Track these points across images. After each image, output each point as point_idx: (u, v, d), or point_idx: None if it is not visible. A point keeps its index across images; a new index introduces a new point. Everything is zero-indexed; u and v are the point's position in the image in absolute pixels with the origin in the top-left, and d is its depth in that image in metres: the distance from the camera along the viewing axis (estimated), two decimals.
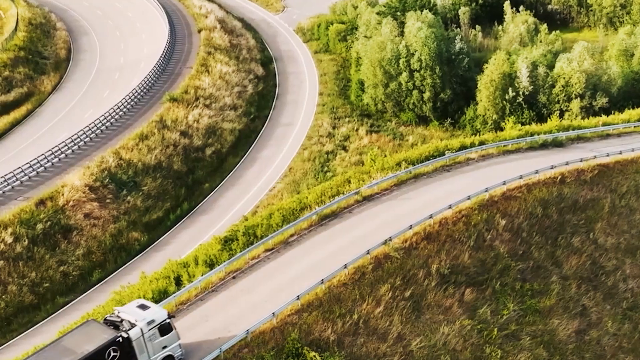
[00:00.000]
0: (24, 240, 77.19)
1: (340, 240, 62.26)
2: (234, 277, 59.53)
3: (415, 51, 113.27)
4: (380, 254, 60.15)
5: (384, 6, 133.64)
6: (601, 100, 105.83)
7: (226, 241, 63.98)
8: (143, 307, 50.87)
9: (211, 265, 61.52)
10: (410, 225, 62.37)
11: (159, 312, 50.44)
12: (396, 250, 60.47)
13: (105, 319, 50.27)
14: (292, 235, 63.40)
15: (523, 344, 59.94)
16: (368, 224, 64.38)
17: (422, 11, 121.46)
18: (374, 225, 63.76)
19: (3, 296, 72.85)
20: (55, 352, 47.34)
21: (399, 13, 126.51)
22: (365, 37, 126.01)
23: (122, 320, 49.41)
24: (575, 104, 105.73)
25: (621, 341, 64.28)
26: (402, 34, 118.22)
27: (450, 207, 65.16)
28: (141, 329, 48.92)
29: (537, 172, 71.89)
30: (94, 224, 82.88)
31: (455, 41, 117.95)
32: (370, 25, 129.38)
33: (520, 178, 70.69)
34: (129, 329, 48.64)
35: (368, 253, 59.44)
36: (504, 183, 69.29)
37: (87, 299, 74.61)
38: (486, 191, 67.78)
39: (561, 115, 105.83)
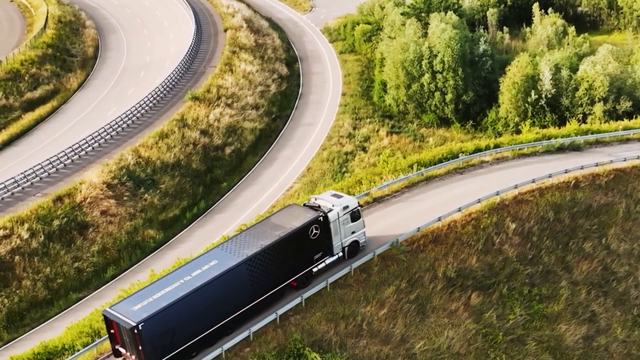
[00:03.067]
0: (40, 236, 77.99)
1: None
2: None
3: (438, 52, 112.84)
4: (387, 255, 60.01)
5: (409, 7, 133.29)
6: (625, 104, 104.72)
7: None
8: (337, 196, 58.74)
9: None
10: (418, 228, 62.17)
11: (351, 200, 58.21)
12: (403, 253, 60.37)
13: (304, 205, 57.86)
14: None
15: (529, 349, 59.63)
16: (376, 225, 63.94)
17: (446, 12, 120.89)
18: (382, 227, 63.43)
19: (17, 291, 73.67)
20: (266, 227, 55.02)
21: (423, 14, 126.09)
22: (390, 37, 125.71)
23: (319, 206, 56.66)
24: (599, 108, 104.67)
25: (630, 348, 63.65)
26: (425, 35, 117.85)
27: (459, 210, 64.79)
28: (337, 213, 56.26)
29: (550, 176, 71.29)
30: (110, 221, 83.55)
31: (479, 43, 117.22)
32: (395, 26, 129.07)
33: (533, 182, 70.16)
34: (328, 212, 55.72)
35: (374, 255, 59.38)
36: (516, 187, 68.79)
37: (100, 295, 75.19)
38: (497, 194, 67.39)
39: (584, 119, 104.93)
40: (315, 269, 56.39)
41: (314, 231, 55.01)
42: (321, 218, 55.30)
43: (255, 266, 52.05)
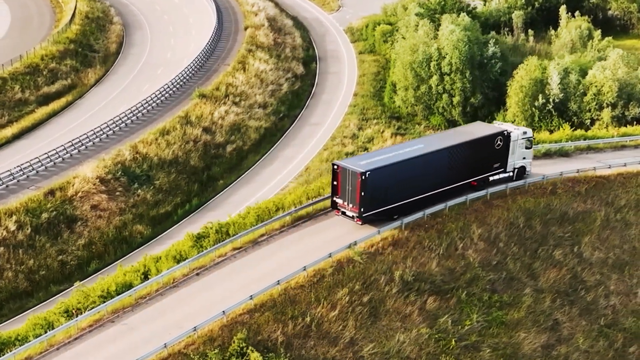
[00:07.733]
0: (27, 229, 79.34)
1: (309, 243, 62.36)
2: (197, 274, 60.43)
3: (447, 54, 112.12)
4: (344, 257, 59.97)
5: (423, 8, 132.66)
6: (634, 110, 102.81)
7: (198, 238, 64.82)
8: (516, 125, 72.92)
9: (179, 261, 62.41)
10: (379, 230, 62.03)
11: (529, 130, 71.37)
12: (360, 255, 60.23)
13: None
14: (262, 235, 63.84)
15: (482, 355, 58.94)
16: (341, 227, 64.13)
17: (459, 14, 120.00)
18: (345, 229, 63.49)
19: None
20: (455, 134, 69.77)
21: (437, 15, 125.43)
22: (403, 38, 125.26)
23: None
24: (607, 113, 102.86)
25: (592, 358, 62.56)
26: (437, 36, 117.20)
27: (424, 214, 64.45)
28: (518, 135, 68.64)
29: (525, 181, 70.56)
30: (100, 216, 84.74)
31: (489, 45, 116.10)
32: (409, 26, 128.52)
33: (506, 186, 69.51)
34: (511, 132, 68.07)
35: (330, 256, 59.38)
36: (487, 191, 68.22)
37: None
38: (466, 199, 66.85)
39: (592, 124, 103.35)
40: (491, 178, 68.31)
41: (498, 142, 66.83)
42: (505, 133, 67.24)
43: (453, 155, 64.36)
